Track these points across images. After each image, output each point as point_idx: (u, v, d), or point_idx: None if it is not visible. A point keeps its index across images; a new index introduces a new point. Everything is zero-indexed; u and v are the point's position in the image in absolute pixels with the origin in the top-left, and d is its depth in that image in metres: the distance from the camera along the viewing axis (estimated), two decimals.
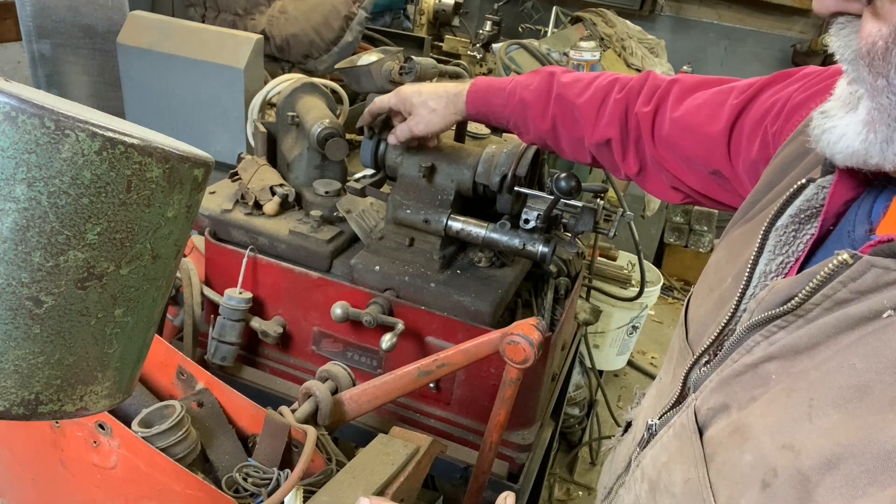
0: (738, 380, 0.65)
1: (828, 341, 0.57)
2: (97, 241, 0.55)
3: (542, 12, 5.09)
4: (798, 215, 0.70)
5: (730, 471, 0.61)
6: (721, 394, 0.66)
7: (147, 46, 2.09)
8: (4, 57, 2.72)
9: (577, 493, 3.17)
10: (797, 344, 0.60)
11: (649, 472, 0.75)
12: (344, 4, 2.39)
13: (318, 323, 1.50)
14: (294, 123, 1.58)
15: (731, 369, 0.66)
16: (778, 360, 0.62)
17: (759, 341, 0.64)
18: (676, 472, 0.68)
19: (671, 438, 0.72)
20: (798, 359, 0.60)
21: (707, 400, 0.68)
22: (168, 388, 1.22)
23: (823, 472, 0.51)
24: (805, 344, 0.59)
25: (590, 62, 1.86)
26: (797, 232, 0.70)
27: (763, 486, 0.56)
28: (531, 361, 1.15)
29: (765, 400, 0.61)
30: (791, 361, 0.60)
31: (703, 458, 0.64)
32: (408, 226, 1.40)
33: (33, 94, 0.54)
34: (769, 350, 0.63)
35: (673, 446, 0.71)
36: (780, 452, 0.56)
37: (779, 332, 0.63)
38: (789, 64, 4.99)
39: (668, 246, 5.21)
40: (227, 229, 1.53)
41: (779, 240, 0.71)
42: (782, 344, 0.61)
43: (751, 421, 0.61)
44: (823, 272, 0.58)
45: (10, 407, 0.56)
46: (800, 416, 0.56)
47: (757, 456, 0.58)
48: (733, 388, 0.65)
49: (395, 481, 1.02)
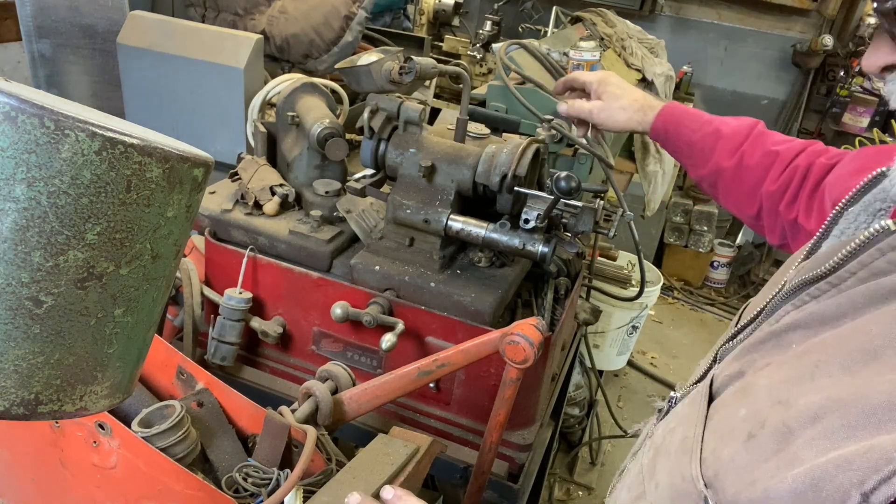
0: (760, 347, 0.64)
1: (855, 312, 0.56)
2: (97, 241, 0.55)
3: (542, 12, 5.09)
4: (872, 205, 0.67)
5: (723, 426, 0.60)
6: (740, 361, 0.66)
7: (147, 46, 2.09)
8: (4, 57, 2.73)
9: (577, 493, 3.17)
10: (824, 312, 0.58)
11: (656, 440, 0.75)
12: (344, 4, 2.39)
13: (318, 323, 1.50)
14: (294, 123, 1.58)
15: (755, 337, 0.65)
16: (802, 329, 0.60)
17: (789, 310, 0.63)
18: (678, 433, 0.68)
19: (684, 406, 0.72)
20: (823, 329, 0.58)
21: (725, 368, 0.68)
22: (168, 388, 1.22)
23: (807, 424, 0.51)
24: (833, 313, 0.57)
25: (590, 62, 1.86)
26: (869, 224, 0.66)
27: (748, 437, 0.55)
28: (531, 361, 1.15)
29: (777, 363, 0.60)
30: (815, 331, 0.59)
31: (704, 419, 0.64)
32: (408, 226, 1.40)
33: (33, 94, 0.54)
34: (796, 317, 0.61)
35: (683, 413, 0.71)
36: (774, 408, 0.55)
37: (810, 302, 0.61)
38: (789, 64, 4.99)
39: (668, 246, 5.21)
40: (227, 229, 1.53)
41: (848, 226, 0.68)
42: (809, 311, 0.60)
43: (757, 381, 0.60)
44: (862, 237, 0.57)
45: (10, 407, 0.56)
46: (802, 376, 0.55)
47: (751, 410, 0.57)
48: (753, 356, 0.64)
49: (395, 481, 1.02)
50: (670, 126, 1.32)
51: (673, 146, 1.35)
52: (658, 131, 1.34)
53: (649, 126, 1.34)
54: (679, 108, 1.34)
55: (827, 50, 4.66)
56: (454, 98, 3.01)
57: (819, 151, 1.20)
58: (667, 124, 1.32)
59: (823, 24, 4.83)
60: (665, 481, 0.67)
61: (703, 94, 5.26)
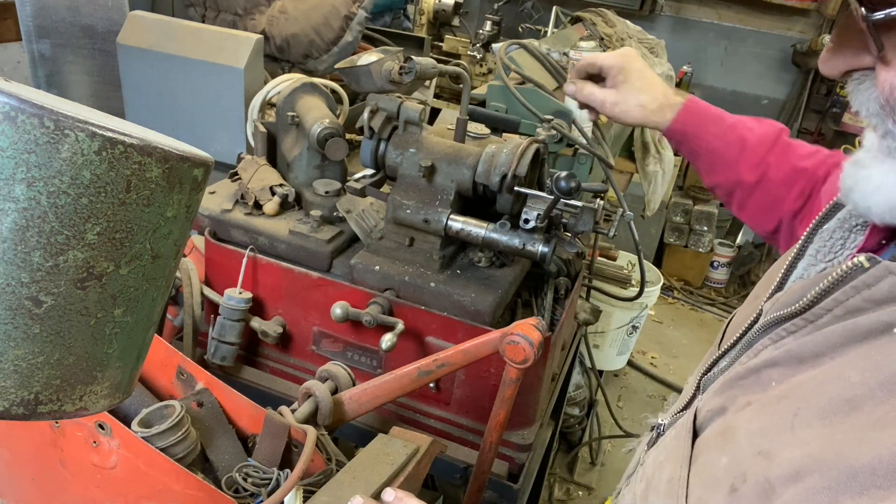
0: (740, 383, 0.63)
1: (833, 352, 0.54)
2: (97, 240, 0.55)
3: (542, 12, 5.10)
4: (848, 220, 0.65)
5: (707, 472, 0.59)
6: (722, 396, 0.65)
7: (147, 46, 2.09)
8: (4, 57, 2.73)
9: (577, 493, 3.17)
10: (802, 352, 0.57)
11: (647, 471, 0.74)
12: (344, 4, 2.39)
13: (318, 323, 1.50)
14: (294, 123, 1.58)
15: (736, 372, 0.64)
16: (781, 367, 0.59)
17: (767, 345, 0.62)
18: (665, 470, 0.67)
19: (672, 439, 0.71)
20: (801, 368, 0.57)
21: (708, 402, 0.67)
22: (168, 388, 1.22)
23: (788, 482, 0.49)
24: (810, 352, 0.56)
25: None
26: (845, 241, 0.65)
27: (731, 491, 0.54)
28: (531, 361, 1.15)
29: (757, 405, 0.59)
30: (793, 370, 0.57)
31: (689, 459, 0.63)
32: (408, 226, 1.40)
33: (33, 94, 0.54)
34: (774, 354, 0.60)
35: (671, 446, 0.70)
36: (754, 459, 0.54)
37: (787, 337, 0.60)
38: (789, 64, 4.99)
39: (668, 246, 5.22)
40: (227, 229, 1.53)
41: (823, 245, 0.66)
42: (787, 349, 0.59)
43: (738, 424, 0.59)
44: (837, 273, 0.55)
45: (10, 407, 0.56)
46: (783, 424, 0.53)
47: (732, 459, 0.56)
48: (734, 392, 0.63)
49: (395, 481, 1.02)
50: (690, 128, 1.20)
51: (690, 149, 1.23)
52: (675, 133, 1.22)
53: (666, 126, 1.22)
54: (701, 109, 1.22)
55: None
56: (454, 98, 3.01)
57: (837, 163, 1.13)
58: (686, 126, 1.21)
59: (823, 24, 4.84)
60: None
61: (703, 94, 5.26)
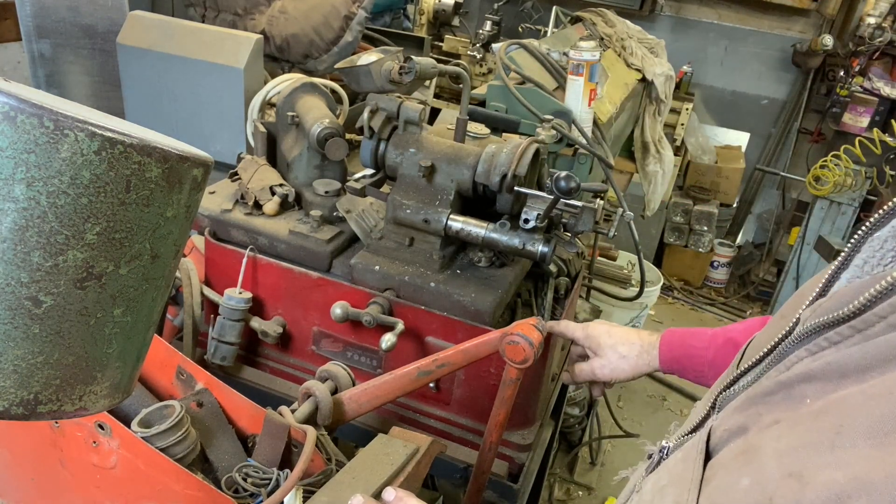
0: (767, 400, 0.54)
1: (884, 366, 0.46)
2: (96, 240, 0.55)
3: (542, 12, 5.10)
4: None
5: (720, 496, 0.52)
6: (743, 414, 0.57)
7: (147, 46, 2.09)
8: (4, 57, 2.73)
9: (577, 493, 3.17)
10: (846, 363, 0.49)
11: (645, 498, 0.65)
12: (344, 4, 2.39)
13: (318, 323, 1.50)
14: (294, 123, 1.58)
15: (763, 387, 0.56)
16: (819, 382, 0.51)
17: (803, 357, 0.54)
18: (669, 496, 0.59)
19: (677, 461, 0.62)
20: (843, 383, 0.49)
21: (726, 420, 0.59)
22: (168, 388, 1.22)
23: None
24: (856, 364, 0.48)
25: (590, 62, 1.85)
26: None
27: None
28: (531, 361, 1.15)
29: (788, 422, 0.50)
30: (834, 384, 0.49)
31: (700, 482, 0.55)
32: (408, 226, 1.40)
33: (33, 94, 0.54)
34: (811, 367, 0.52)
35: (676, 470, 0.61)
36: (784, 481, 0.46)
37: (829, 349, 0.52)
38: (789, 64, 4.99)
39: (668, 246, 5.22)
40: (227, 229, 1.53)
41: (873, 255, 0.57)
42: (827, 361, 0.51)
43: (763, 443, 0.51)
44: (895, 274, 0.48)
45: (10, 407, 0.56)
46: (821, 443, 0.46)
47: (756, 481, 0.48)
48: (758, 409, 0.55)
49: (394, 481, 1.02)
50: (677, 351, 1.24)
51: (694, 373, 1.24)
52: (669, 363, 1.25)
53: (657, 363, 1.26)
54: (678, 332, 1.26)
55: (827, 50, 4.66)
56: (454, 98, 3.01)
57: None
58: (673, 350, 1.24)
59: (823, 23, 4.84)
60: None
61: (703, 94, 5.26)
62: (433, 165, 1.37)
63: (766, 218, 5.50)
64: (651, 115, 2.75)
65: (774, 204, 5.44)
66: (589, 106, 1.90)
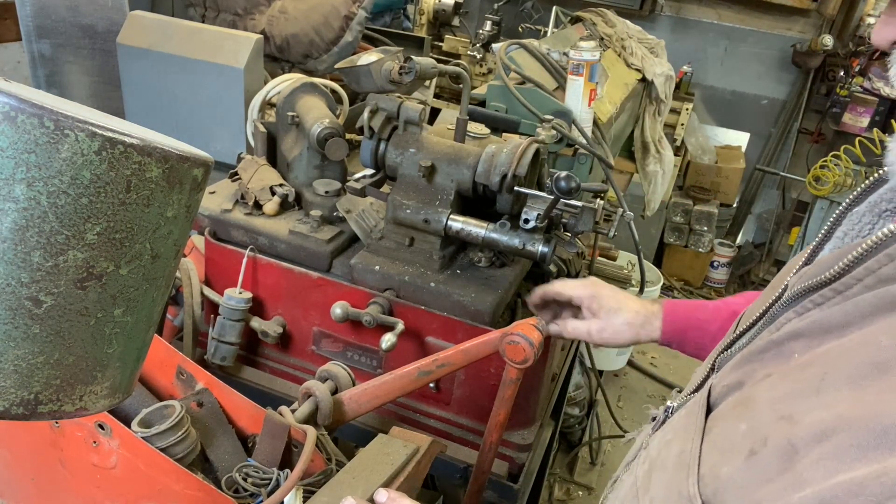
0: (760, 357, 0.61)
1: (862, 321, 0.53)
2: (97, 240, 0.55)
3: (542, 12, 5.10)
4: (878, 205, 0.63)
5: (721, 441, 0.58)
6: (739, 371, 0.63)
7: (147, 46, 2.09)
8: (4, 57, 2.73)
9: (577, 493, 3.17)
10: (829, 321, 0.55)
11: (652, 453, 0.72)
12: (344, 4, 2.39)
13: (318, 323, 1.50)
14: (294, 123, 1.58)
15: (755, 346, 0.62)
16: (805, 339, 0.57)
17: (791, 318, 0.60)
18: (674, 447, 0.65)
19: (681, 418, 0.69)
20: (826, 338, 0.55)
21: (724, 378, 0.65)
22: (168, 388, 1.22)
23: (813, 443, 0.48)
24: (837, 322, 0.54)
25: (590, 62, 1.85)
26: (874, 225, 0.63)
27: (749, 454, 0.53)
28: (531, 361, 1.15)
29: (778, 375, 0.57)
30: (819, 340, 0.55)
31: (702, 432, 0.61)
32: (408, 226, 1.40)
33: (33, 94, 0.54)
34: (798, 326, 0.58)
35: (680, 425, 0.68)
36: (777, 423, 0.52)
37: (813, 309, 0.58)
38: (789, 64, 4.99)
39: (668, 246, 5.21)
40: (227, 229, 1.53)
41: (851, 228, 0.65)
42: (812, 320, 0.57)
43: (757, 394, 0.57)
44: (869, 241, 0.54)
45: (10, 407, 0.56)
46: (807, 390, 0.52)
47: (751, 425, 0.55)
48: (753, 366, 0.61)
49: (394, 481, 1.02)
50: (679, 323, 1.21)
51: (695, 346, 1.22)
52: (671, 335, 1.22)
53: (658, 334, 1.22)
54: (681, 304, 1.24)
55: (827, 50, 4.66)
56: (454, 98, 3.01)
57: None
58: (676, 322, 1.21)
59: (823, 24, 4.83)
60: (660, 496, 0.64)
61: (703, 94, 5.26)
62: (433, 165, 1.37)
63: (766, 218, 5.50)
64: (651, 115, 2.75)
65: (774, 204, 5.44)
66: (589, 106, 1.90)
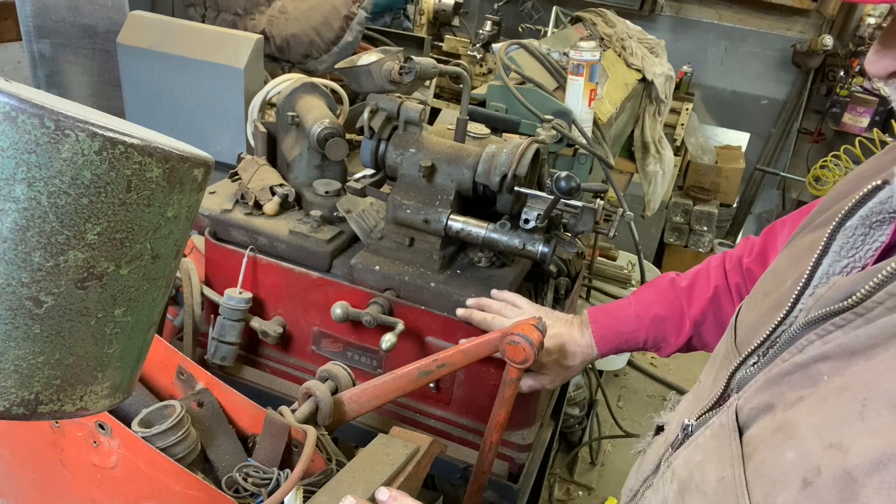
0: (787, 379, 0.62)
1: (887, 343, 0.55)
2: (97, 241, 0.55)
3: (542, 12, 5.10)
4: (869, 217, 0.66)
5: (768, 469, 0.59)
6: (767, 393, 0.64)
7: (147, 46, 2.09)
8: (4, 57, 2.73)
9: (577, 493, 3.17)
10: (854, 344, 0.57)
11: (680, 473, 0.73)
12: (344, 4, 2.39)
13: (318, 323, 1.50)
14: (294, 123, 1.58)
15: (781, 368, 0.64)
16: (832, 361, 0.59)
17: (813, 340, 0.62)
18: (710, 470, 0.66)
19: (708, 438, 0.70)
20: (853, 360, 0.57)
21: (751, 399, 0.66)
22: (168, 388, 1.22)
23: (871, 472, 0.50)
24: (863, 344, 0.57)
25: (590, 62, 1.85)
26: (866, 237, 0.66)
27: (804, 485, 0.54)
28: (531, 361, 1.15)
29: (814, 399, 0.58)
30: (845, 362, 0.58)
31: (741, 457, 0.62)
32: (408, 226, 1.40)
33: (33, 93, 0.54)
34: (823, 349, 0.60)
35: (709, 446, 0.69)
36: (826, 451, 0.53)
37: (835, 332, 0.60)
38: (789, 64, 4.99)
39: (668, 246, 5.21)
40: (227, 229, 1.53)
41: (846, 241, 0.67)
42: (837, 343, 0.59)
43: (796, 419, 0.58)
44: (890, 268, 0.56)
45: (10, 407, 0.56)
46: (850, 416, 0.54)
47: (800, 454, 0.56)
48: (780, 388, 0.63)
49: (394, 481, 1.02)
50: (611, 342, 1.29)
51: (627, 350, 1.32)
52: (607, 353, 1.30)
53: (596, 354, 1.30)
54: (603, 320, 1.30)
55: (827, 50, 4.66)
56: (454, 98, 3.01)
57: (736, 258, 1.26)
58: (608, 342, 1.29)
59: (823, 24, 4.84)
60: None
61: (703, 94, 5.26)
62: (433, 165, 1.37)
63: (766, 218, 5.51)
64: (651, 115, 2.75)
65: (774, 204, 5.45)
66: (589, 106, 1.90)
